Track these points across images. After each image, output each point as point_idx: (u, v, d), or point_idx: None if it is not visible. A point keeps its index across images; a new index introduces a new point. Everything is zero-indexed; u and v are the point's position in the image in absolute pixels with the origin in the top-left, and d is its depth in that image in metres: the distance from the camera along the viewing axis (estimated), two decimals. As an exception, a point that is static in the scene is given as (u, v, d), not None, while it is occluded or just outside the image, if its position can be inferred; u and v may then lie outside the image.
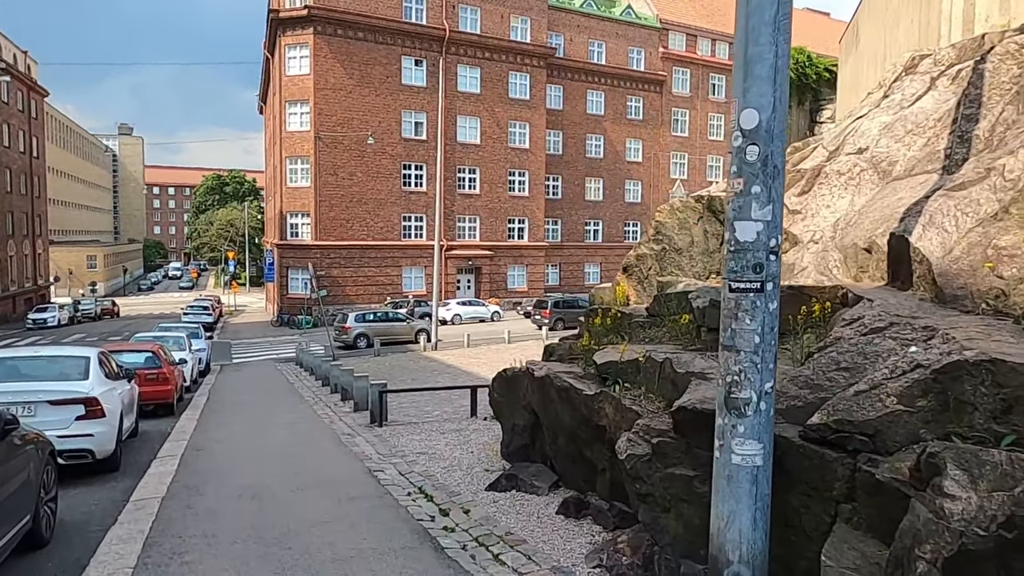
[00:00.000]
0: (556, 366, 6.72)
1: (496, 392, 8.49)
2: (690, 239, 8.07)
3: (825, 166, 6.90)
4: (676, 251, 8.18)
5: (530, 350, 29.69)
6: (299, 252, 45.03)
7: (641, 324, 6.61)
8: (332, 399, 17.28)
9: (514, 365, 8.36)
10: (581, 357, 6.96)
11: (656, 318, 6.52)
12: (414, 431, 12.28)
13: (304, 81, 45.15)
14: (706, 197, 8.02)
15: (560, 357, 7.74)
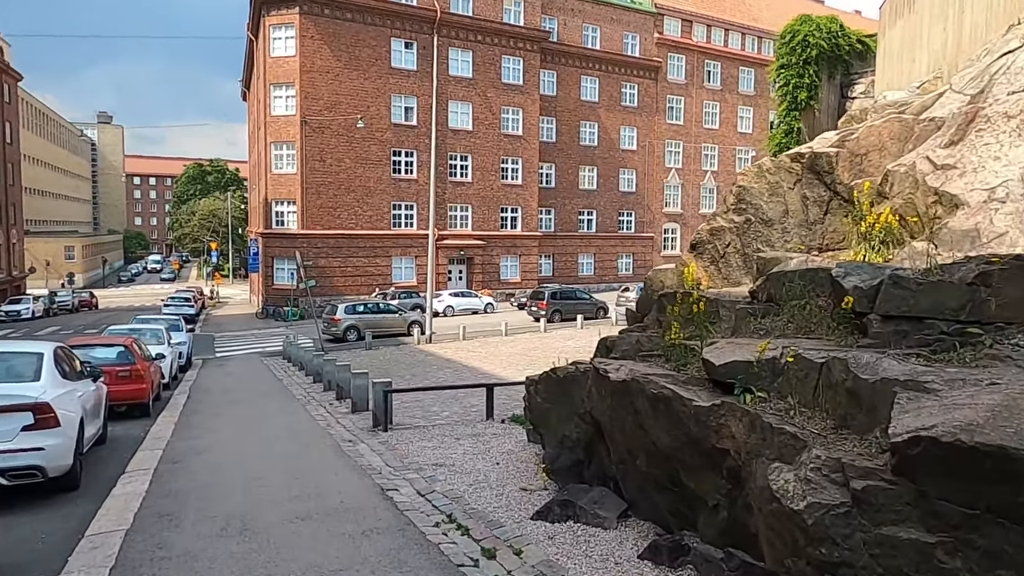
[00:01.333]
0: (640, 367, 5.27)
1: (540, 396, 7.02)
2: (783, 208, 6.62)
3: (981, 110, 5.47)
4: (765, 222, 6.73)
5: (530, 343, 28.28)
6: (285, 241, 43.22)
7: (749, 312, 5.17)
8: (326, 397, 15.73)
9: (574, 363, 6.88)
10: (667, 355, 5.52)
11: (769, 304, 5.09)
12: (424, 437, 10.77)
13: (290, 63, 43.28)
14: (808, 155, 6.54)
15: (626, 353, 6.27)
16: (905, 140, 6.11)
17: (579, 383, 6.22)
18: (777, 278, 5.08)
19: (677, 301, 5.87)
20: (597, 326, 34.61)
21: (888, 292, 4.00)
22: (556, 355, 24.17)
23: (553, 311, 37.36)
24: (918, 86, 12.28)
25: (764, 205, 6.77)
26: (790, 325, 4.81)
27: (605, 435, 5.79)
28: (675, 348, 5.44)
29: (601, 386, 5.48)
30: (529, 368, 20.44)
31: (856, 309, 4.20)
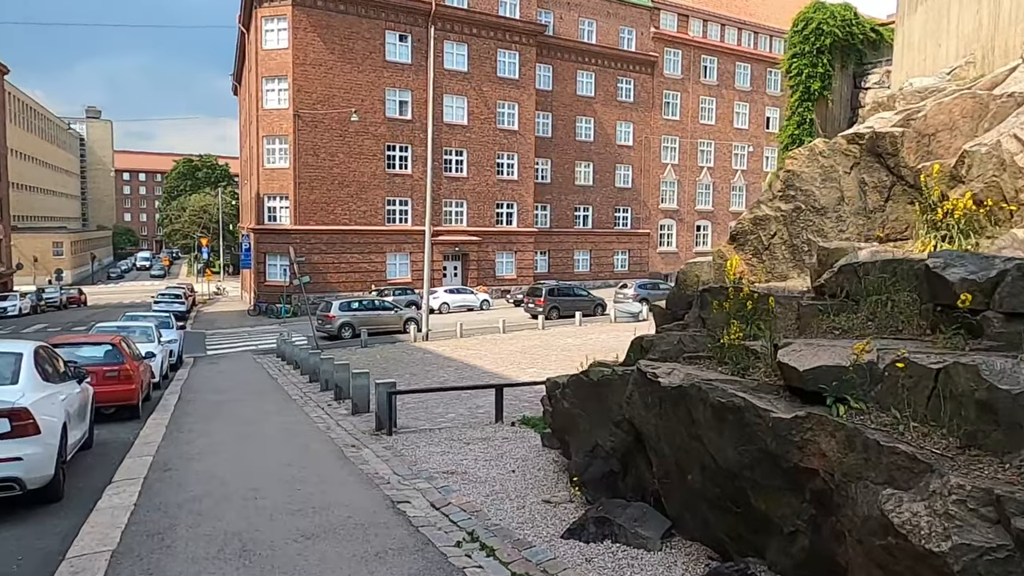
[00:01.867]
0: (697, 371, 4.69)
1: (567, 401, 6.43)
2: (839, 194, 6.04)
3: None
4: (816, 211, 6.15)
5: (529, 340, 27.70)
6: (277, 237, 42.47)
7: (820, 310, 4.58)
8: (324, 398, 15.09)
9: (604, 363, 6.30)
10: (720, 357, 4.94)
11: (841, 300, 4.51)
12: (431, 441, 10.17)
13: (282, 56, 42.48)
14: (867, 135, 5.95)
15: (666, 355, 5.69)
16: (979, 118, 5.56)
17: (615, 387, 5.64)
18: (851, 271, 4.50)
19: (727, 296, 5.30)
20: (596, 323, 34.09)
21: (1017, 285, 3.43)
22: (558, 353, 23.70)
23: (551, 308, 36.80)
24: (948, 72, 11.74)
25: (816, 191, 6.19)
26: (870, 324, 4.24)
27: (647, 445, 5.21)
28: (732, 350, 4.86)
29: (648, 392, 4.90)
30: (532, 367, 19.87)
31: (972, 306, 3.61)
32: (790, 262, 6.30)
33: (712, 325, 5.62)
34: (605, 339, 26.95)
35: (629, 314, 35.65)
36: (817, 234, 6.08)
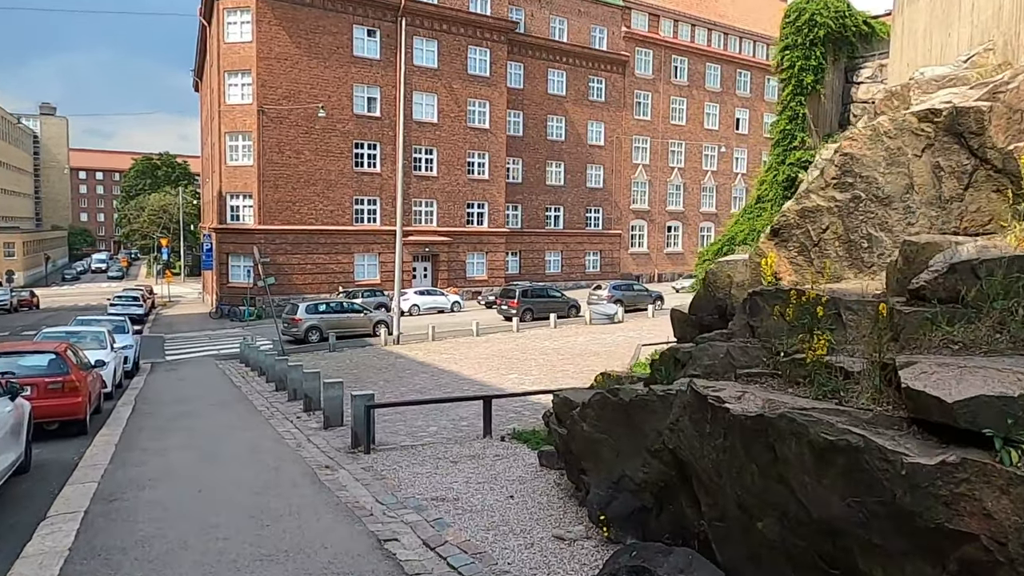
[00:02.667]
0: (778, 396, 3.81)
1: (589, 424, 5.52)
2: (907, 181, 5.22)
3: None
4: (880, 200, 5.33)
5: (505, 344, 26.77)
6: (241, 237, 40.94)
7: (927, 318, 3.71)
8: (292, 409, 13.99)
9: (617, 377, 5.40)
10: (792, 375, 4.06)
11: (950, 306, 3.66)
12: (414, 460, 9.19)
13: (245, 49, 40.99)
14: (946, 112, 5.11)
15: (712, 370, 4.82)
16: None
17: (653, 411, 4.75)
18: (968, 270, 3.66)
19: (789, 301, 4.44)
20: (571, 325, 33.31)
21: None
22: (537, 357, 22.82)
23: (524, 310, 35.95)
24: (965, 59, 11.07)
25: (880, 178, 5.37)
26: (1000, 336, 3.41)
27: (696, 481, 4.34)
28: (813, 368, 3.99)
29: (706, 419, 4.02)
30: (512, 372, 18.94)
31: None
32: (845, 260, 5.49)
33: (766, 335, 4.76)
34: (584, 342, 26.16)
35: (604, 316, 34.97)
36: (880, 227, 5.27)
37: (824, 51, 16.47)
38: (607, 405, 5.22)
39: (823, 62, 16.49)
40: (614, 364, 20.04)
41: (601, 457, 5.38)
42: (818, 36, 16.30)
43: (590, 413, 5.43)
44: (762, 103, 67.86)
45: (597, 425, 5.37)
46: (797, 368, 4.16)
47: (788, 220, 5.97)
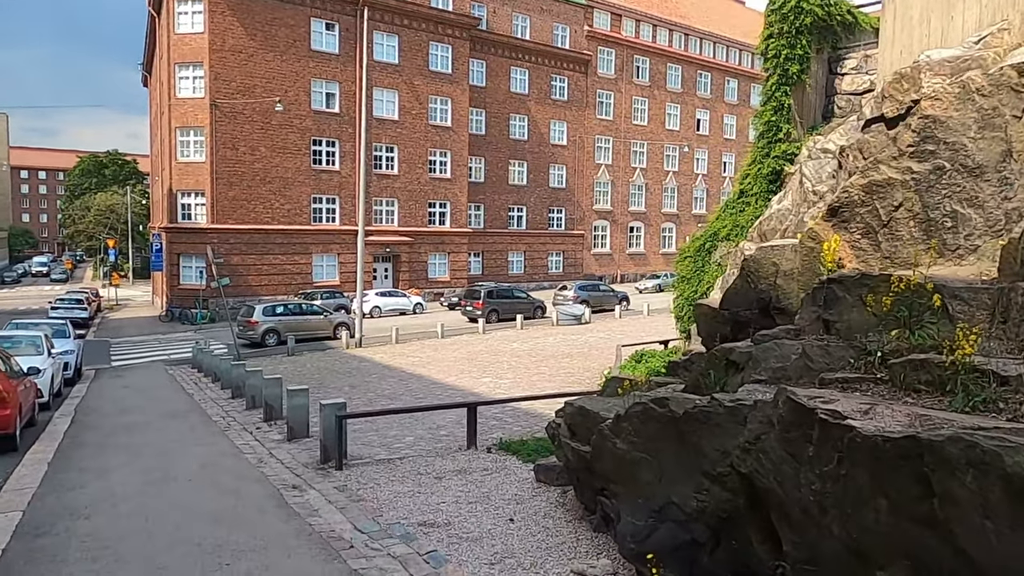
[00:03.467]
0: (928, 411, 2.97)
1: (624, 440, 4.61)
2: (1004, 147, 4.44)
3: None
4: (969, 171, 4.56)
5: (472, 346, 25.78)
6: (193, 236, 39.19)
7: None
8: (250, 418, 12.83)
9: (653, 386, 4.51)
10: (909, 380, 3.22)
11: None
12: (393, 476, 8.19)
13: (197, 41, 39.30)
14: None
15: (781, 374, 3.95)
16: None
17: (717, 425, 3.88)
18: None
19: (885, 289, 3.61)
20: (538, 327, 32.49)
21: None
22: (508, 359, 21.90)
23: (490, 311, 35.04)
24: (977, 40, 10.51)
25: (970, 144, 4.61)
26: None
27: (775, 512, 3.49)
28: (958, 373, 3.16)
29: (816, 440, 3.14)
30: (484, 375, 17.98)
31: None
32: (921, 243, 4.70)
33: (848, 331, 3.94)
34: (554, 343, 25.34)
35: (572, 316, 34.28)
36: (968, 203, 4.51)
37: (810, 40, 15.92)
38: (651, 418, 4.32)
39: (809, 51, 15.94)
40: (592, 366, 19.25)
41: (638, 480, 4.49)
42: (804, 24, 15.74)
43: (626, 428, 4.54)
44: (722, 104, 68.17)
45: (635, 442, 4.48)
46: (915, 372, 3.34)
47: (851, 197, 5.16)
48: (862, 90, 16.47)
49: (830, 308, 4.26)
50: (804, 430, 3.23)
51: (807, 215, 12.14)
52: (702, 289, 16.25)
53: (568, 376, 17.29)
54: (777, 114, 15.95)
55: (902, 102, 10.29)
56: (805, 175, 12.49)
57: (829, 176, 12.07)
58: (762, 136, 16.17)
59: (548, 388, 15.34)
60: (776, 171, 15.70)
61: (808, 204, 12.02)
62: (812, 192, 12.03)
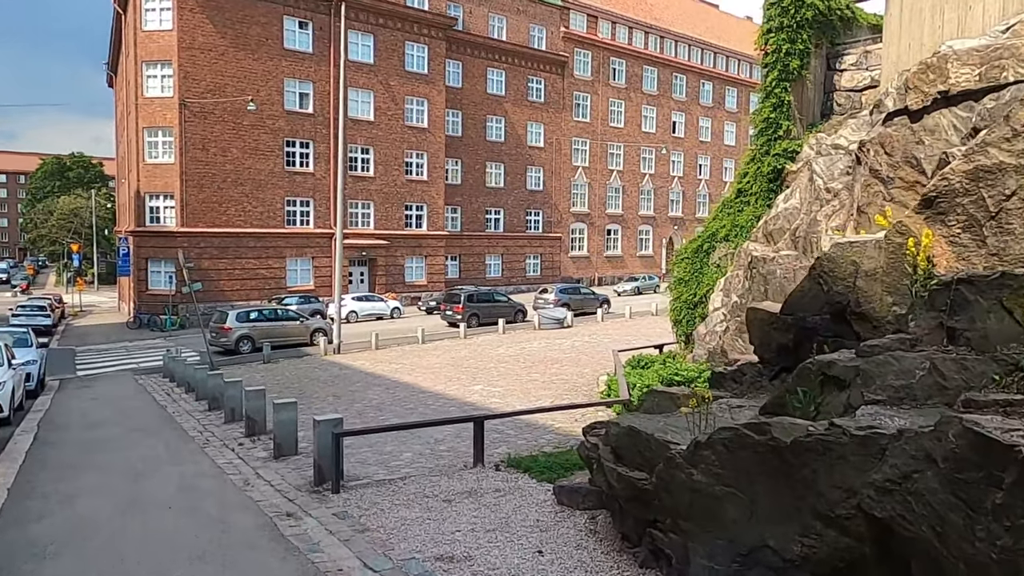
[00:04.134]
0: None
1: (703, 471, 3.90)
2: None
3: None
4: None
5: (456, 351, 24.99)
6: (161, 240, 37.92)
7: None
8: (231, 433, 11.95)
9: (709, 402, 3.83)
10: None
11: None
12: (397, 499, 7.43)
13: (166, 38, 38.07)
14: None
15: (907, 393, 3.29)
16: None
17: (840, 457, 3.22)
18: None
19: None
20: (521, 331, 31.78)
21: None
22: (496, 365, 21.13)
23: (470, 315, 34.27)
24: (1004, 29, 10.08)
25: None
26: None
27: (923, 569, 2.83)
28: None
29: (1009, 485, 2.49)
30: (475, 383, 17.20)
31: None
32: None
33: (984, 340, 3.31)
34: (540, 348, 24.66)
35: (554, 320, 33.64)
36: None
37: (810, 35, 15.46)
38: (744, 447, 3.64)
39: (809, 46, 15.48)
40: (585, 371, 18.59)
41: (721, 518, 3.82)
42: (805, 18, 15.26)
43: (708, 457, 3.84)
44: (697, 107, 68.23)
45: (720, 474, 3.80)
46: None
47: (951, 185, 4.54)
48: (862, 87, 16.06)
49: (957, 314, 3.64)
50: (989, 471, 2.58)
51: (820, 213, 11.63)
52: (701, 292, 15.70)
53: (563, 383, 16.62)
54: (777, 111, 15.45)
55: (928, 93, 9.81)
56: (816, 172, 11.99)
57: (842, 173, 11.58)
58: (761, 133, 15.66)
59: (544, 396, 14.66)
60: (777, 169, 15.19)
61: (821, 202, 11.51)
62: (825, 190, 11.52)
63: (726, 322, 13.17)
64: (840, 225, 10.78)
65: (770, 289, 12.05)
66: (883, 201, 10.12)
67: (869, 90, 15.95)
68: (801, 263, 11.53)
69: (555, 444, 10.01)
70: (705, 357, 13.34)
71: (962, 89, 9.29)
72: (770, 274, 11.95)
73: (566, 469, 8.25)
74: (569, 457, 8.81)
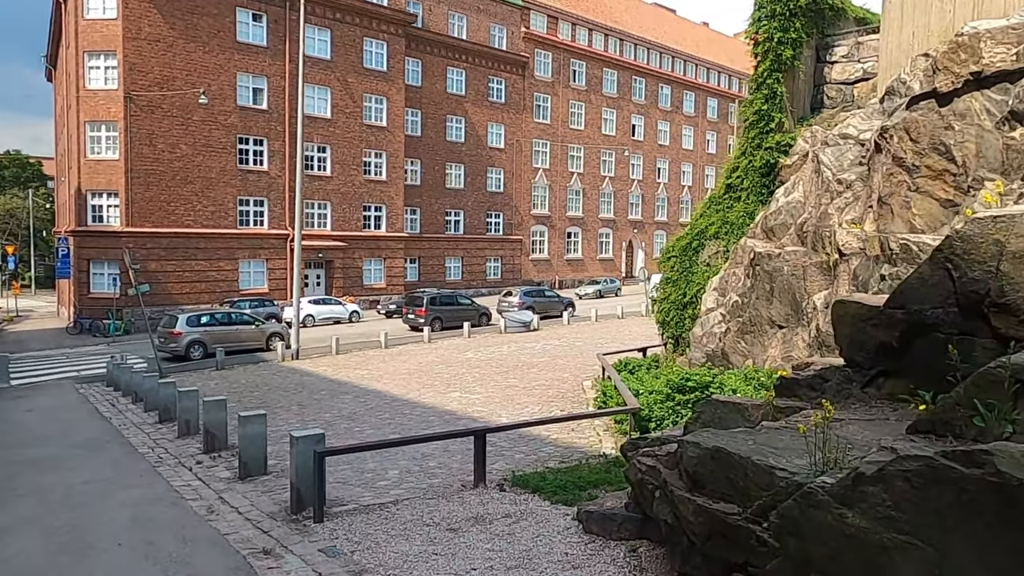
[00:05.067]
0: None
1: (864, 513, 2.92)
2: None
3: None
4: None
5: (423, 356, 23.81)
6: (105, 240, 35.81)
7: None
8: (186, 448, 10.68)
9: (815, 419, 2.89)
10: None
11: None
12: (393, 530, 6.35)
13: (110, 27, 36.03)
14: None
15: None
16: None
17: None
18: None
19: None
20: (486, 334, 30.77)
21: None
22: (469, 370, 19.96)
23: (433, 318, 33.16)
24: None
25: None
26: None
27: None
28: None
29: None
30: (452, 389, 16.09)
31: None
32: None
33: None
34: (510, 352, 23.68)
35: (520, 323, 32.77)
36: None
37: (804, 23, 14.85)
38: (942, 482, 2.66)
39: (803, 35, 14.87)
40: (565, 376, 17.66)
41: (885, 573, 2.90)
42: (799, 6, 14.64)
43: (878, 495, 2.87)
44: (656, 110, 68.21)
45: (893, 518, 2.84)
46: None
47: None
48: (854, 79, 15.52)
49: None
50: None
51: (831, 206, 10.91)
52: (691, 291, 14.92)
53: (546, 389, 15.65)
54: (769, 102, 14.78)
55: (958, 75, 9.13)
56: (824, 164, 11.29)
57: (853, 163, 10.89)
58: (752, 126, 14.97)
59: (528, 403, 13.68)
60: (770, 163, 14.51)
61: (832, 195, 10.80)
62: (836, 181, 10.81)
63: (726, 323, 12.39)
64: (856, 218, 10.07)
65: (776, 287, 11.31)
66: (908, 191, 9.43)
67: (861, 83, 15.42)
68: (811, 259, 10.81)
69: (558, 458, 9.04)
70: (703, 360, 12.53)
71: (997, 69, 8.66)
72: (776, 271, 11.21)
73: (580, 488, 7.29)
74: (580, 473, 7.86)
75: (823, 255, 10.55)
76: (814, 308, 10.51)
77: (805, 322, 10.73)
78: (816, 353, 10.40)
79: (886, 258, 9.12)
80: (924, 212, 9.16)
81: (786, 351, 10.95)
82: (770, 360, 11.22)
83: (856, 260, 9.66)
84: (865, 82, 15.17)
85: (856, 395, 4.45)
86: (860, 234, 9.66)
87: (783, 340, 11.14)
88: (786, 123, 14.91)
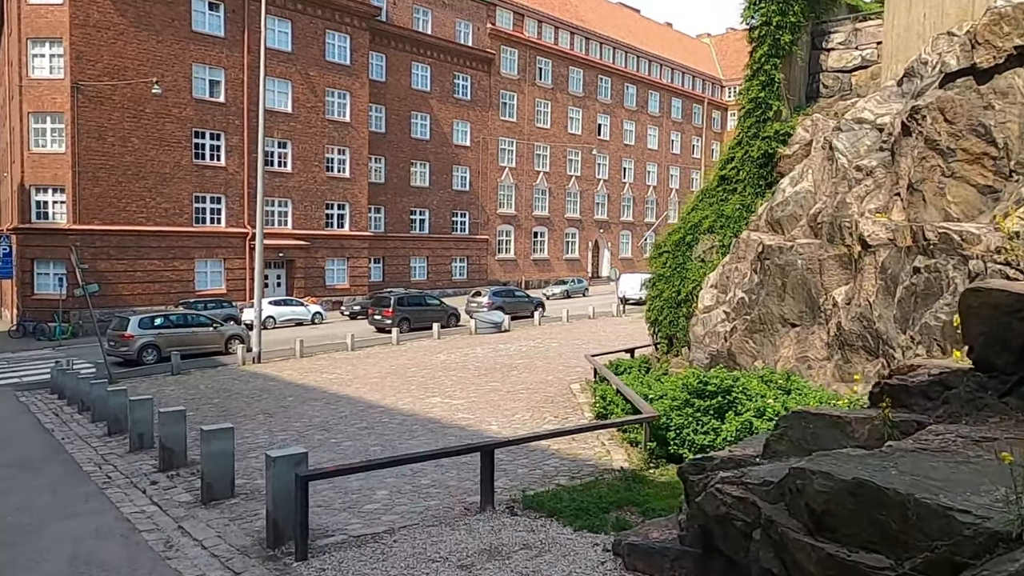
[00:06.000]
0: None
1: None
2: None
3: None
4: None
5: (394, 358, 22.63)
6: (50, 239, 33.81)
7: None
8: (138, 465, 9.44)
9: None
10: None
11: None
12: (394, 569, 5.29)
13: (56, 13, 34.08)
14: None
15: None
16: None
17: None
18: None
19: None
20: (456, 336, 29.70)
21: None
22: (445, 373, 18.76)
23: (401, 319, 32.01)
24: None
25: None
26: None
27: None
28: None
29: None
30: (431, 395, 14.91)
31: None
32: None
33: None
34: (485, 354, 22.64)
35: (491, 324, 31.76)
36: None
37: (802, 7, 14.15)
38: None
39: (801, 19, 14.16)
40: (548, 379, 16.66)
41: None
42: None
43: None
44: (622, 110, 67.82)
45: None
46: None
47: None
48: (851, 67, 14.84)
49: None
50: None
51: (850, 195, 10.12)
52: (686, 289, 14.08)
53: (531, 392, 14.65)
54: (766, 89, 14.02)
55: (1001, 49, 8.37)
56: (838, 150, 10.53)
57: (871, 149, 10.14)
58: (749, 115, 14.20)
59: (517, 409, 12.68)
60: (768, 153, 13.74)
61: (849, 183, 10.02)
62: (854, 168, 10.04)
63: (731, 321, 11.55)
64: (881, 207, 9.30)
65: (789, 283, 10.51)
66: (942, 177, 8.66)
67: (859, 71, 14.77)
68: (828, 252, 10.02)
69: (565, 472, 8.06)
70: (706, 361, 11.67)
71: (1046, 42, 7.97)
72: (788, 265, 10.41)
73: (603, 510, 6.32)
74: (599, 492, 6.89)
75: (842, 247, 9.75)
76: (833, 304, 9.71)
77: (822, 320, 9.93)
78: (836, 353, 9.61)
79: (919, 249, 8.36)
80: (960, 199, 8.41)
81: (801, 351, 10.14)
82: (782, 361, 10.40)
83: (884, 252, 8.88)
84: (863, 70, 14.51)
85: (992, 405, 3.58)
86: (888, 224, 8.88)
87: (797, 339, 10.33)
88: (784, 111, 14.17)
